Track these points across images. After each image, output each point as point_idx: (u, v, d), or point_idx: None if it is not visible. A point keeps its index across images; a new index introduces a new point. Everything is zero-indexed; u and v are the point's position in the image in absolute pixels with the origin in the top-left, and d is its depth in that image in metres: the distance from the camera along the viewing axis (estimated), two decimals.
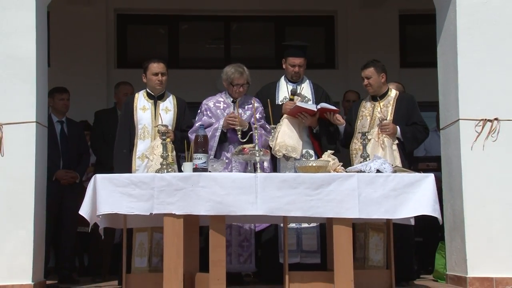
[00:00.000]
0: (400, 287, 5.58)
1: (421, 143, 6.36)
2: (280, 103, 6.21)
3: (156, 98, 5.98)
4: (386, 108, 6.08)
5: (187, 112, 6.07)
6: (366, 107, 6.20)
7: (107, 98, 9.19)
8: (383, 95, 6.18)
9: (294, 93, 6.16)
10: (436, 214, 5.06)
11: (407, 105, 6.14)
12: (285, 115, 6.06)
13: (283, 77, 6.39)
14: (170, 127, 5.78)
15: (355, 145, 6.06)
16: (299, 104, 5.99)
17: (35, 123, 5.54)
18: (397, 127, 5.97)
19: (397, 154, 5.92)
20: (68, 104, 6.97)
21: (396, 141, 5.98)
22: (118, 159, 5.86)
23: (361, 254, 5.89)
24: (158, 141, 5.65)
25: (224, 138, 5.96)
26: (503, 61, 5.79)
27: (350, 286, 5.01)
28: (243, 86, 6.04)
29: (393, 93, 6.21)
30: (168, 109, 5.96)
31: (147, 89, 6.01)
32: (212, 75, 6.36)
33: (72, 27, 9.53)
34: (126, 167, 5.70)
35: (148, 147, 5.74)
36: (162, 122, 5.76)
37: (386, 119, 5.97)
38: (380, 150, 5.86)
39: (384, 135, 5.92)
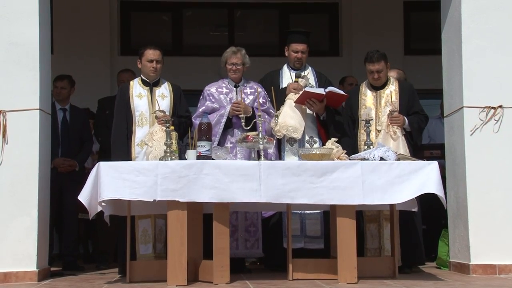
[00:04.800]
0: (403, 273, 5.59)
1: (422, 132, 6.37)
2: (284, 87, 6.21)
3: (152, 85, 5.98)
4: (388, 97, 6.06)
5: (182, 98, 6.08)
6: (367, 96, 6.17)
7: (111, 85, 9.18)
8: (384, 85, 6.16)
9: (298, 76, 6.16)
10: (440, 192, 5.05)
11: (409, 94, 6.15)
12: (288, 97, 6.05)
13: (285, 65, 6.39)
14: (167, 113, 5.79)
15: (362, 135, 6.03)
16: (307, 89, 5.98)
17: (38, 110, 5.54)
18: (405, 118, 5.98)
19: (405, 144, 5.92)
20: (64, 92, 6.90)
21: (404, 132, 5.99)
22: (116, 147, 5.85)
23: (374, 245, 5.89)
24: (157, 127, 5.67)
25: (230, 124, 5.98)
26: (507, 48, 5.76)
27: (353, 273, 5.02)
28: (236, 65, 6.03)
29: (393, 82, 6.19)
30: (164, 95, 5.96)
31: (142, 76, 6.01)
32: (216, 63, 6.34)
33: (75, 14, 9.52)
34: (125, 155, 5.70)
35: (146, 133, 5.75)
36: (159, 108, 5.77)
37: (396, 111, 5.95)
38: (391, 141, 5.86)
39: (395, 126, 5.91)
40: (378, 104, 6.11)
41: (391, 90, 6.11)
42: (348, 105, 6.25)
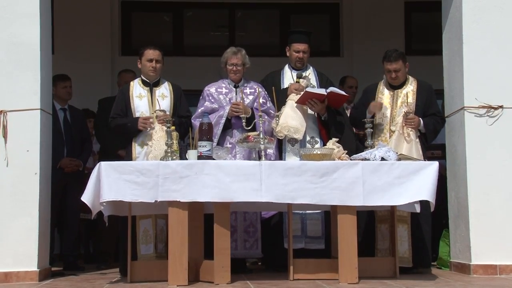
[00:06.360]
0: (404, 274, 5.60)
1: (437, 134, 6.33)
2: (286, 88, 6.21)
3: (152, 85, 5.97)
4: (405, 97, 6.04)
5: (183, 98, 6.08)
6: (385, 94, 6.15)
7: (112, 85, 9.18)
8: (402, 84, 6.14)
9: (300, 76, 6.16)
10: (432, 198, 5.05)
11: (427, 95, 6.11)
12: (289, 98, 6.05)
13: (287, 65, 6.39)
14: (168, 113, 5.79)
15: (376, 135, 6.03)
16: (308, 89, 5.98)
17: (39, 110, 5.55)
18: (420, 119, 5.96)
19: (419, 147, 5.91)
20: (71, 91, 6.98)
21: (418, 133, 5.98)
22: (118, 121, 5.86)
23: (385, 245, 5.86)
24: (157, 126, 5.67)
25: (229, 125, 5.98)
26: (508, 49, 5.76)
27: (354, 273, 5.02)
28: (237, 66, 6.03)
29: (412, 82, 6.16)
30: (164, 95, 5.95)
31: (142, 76, 6.01)
32: (217, 63, 6.35)
33: (76, 14, 9.52)
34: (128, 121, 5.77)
35: (147, 133, 5.74)
36: (160, 108, 5.77)
37: (412, 112, 5.93)
38: (404, 143, 5.85)
39: (410, 128, 5.90)
40: (394, 104, 6.08)
41: (409, 90, 6.08)
42: (365, 102, 6.24)
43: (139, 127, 5.72)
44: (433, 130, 6.09)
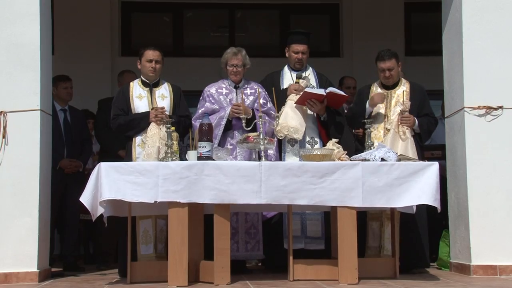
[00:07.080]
0: (404, 274, 5.59)
1: (431, 134, 6.37)
2: (285, 88, 6.21)
3: (152, 85, 5.97)
4: (399, 97, 6.07)
5: (182, 98, 6.07)
6: None
7: (112, 86, 9.19)
8: (395, 84, 6.18)
9: (299, 77, 6.16)
10: (436, 203, 5.07)
11: (420, 96, 6.16)
12: (289, 98, 6.05)
13: (286, 66, 6.39)
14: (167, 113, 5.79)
15: (373, 133, 6.04)
16: (307, 90, 5.98)
17: (39, 111, 5.54)
18: (415, 119, 5.99)
19: (414, 145, 5.93)
20: (72, 92, 6.99)
21: (413, 133, 6.00)
22: (129, 121, 5.81)
23: (375, 243, 5.91)
24: (151, 124, 5.67)
25: (229, 126, 5.97)
26: (508, 49, 5.76)
27: (354, 274, 5.02)
28: (237, 67, 6.02)
29: (404, 83, 6.20)
30: (164, 96, 5.95)
31: (142, 77, 6.01)
32: (217, 63, 6.36)
33: (76, 15, 9.53)
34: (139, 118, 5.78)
35: (146, 134, 5.74)
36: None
37: (407, 111, 5.96)
38: (399, 141, 5.87)
39: (405, 127, 5.92)
40: (388, 104, 6.12)
41: (403, 90, 6.12)
42: (360, 101, 6.26)
43: (151, 120, 5.71)
44: (427, 130, 6.14)
